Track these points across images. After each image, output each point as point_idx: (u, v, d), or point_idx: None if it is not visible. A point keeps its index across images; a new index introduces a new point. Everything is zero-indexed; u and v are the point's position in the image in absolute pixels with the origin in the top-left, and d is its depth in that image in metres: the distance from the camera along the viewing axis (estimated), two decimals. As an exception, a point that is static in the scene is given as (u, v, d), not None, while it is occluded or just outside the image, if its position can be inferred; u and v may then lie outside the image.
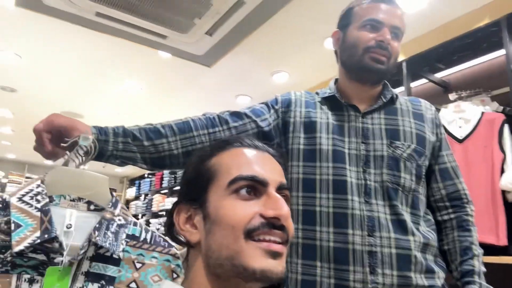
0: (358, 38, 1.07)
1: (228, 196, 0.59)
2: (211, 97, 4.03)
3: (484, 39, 2.34)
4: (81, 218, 0.78)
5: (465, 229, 1.06)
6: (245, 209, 0.57)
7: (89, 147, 0.84)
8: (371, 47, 1.05)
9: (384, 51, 1.05)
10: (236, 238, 0.55)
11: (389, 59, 1.06)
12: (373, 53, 1.05)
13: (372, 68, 1.06)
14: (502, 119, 2.07)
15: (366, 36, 1.06)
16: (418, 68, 2.61)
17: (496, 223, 1.95)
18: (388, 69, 1.07)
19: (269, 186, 0.60)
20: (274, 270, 0.55)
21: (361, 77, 1.10)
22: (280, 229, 0.57)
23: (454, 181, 1.10)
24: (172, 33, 2.68)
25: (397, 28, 1.07)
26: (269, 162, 0.65)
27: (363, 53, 1.06)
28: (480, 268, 1.01)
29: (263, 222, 0.56)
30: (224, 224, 0.57)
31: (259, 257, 0.55)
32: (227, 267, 0.56)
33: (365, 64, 1.06)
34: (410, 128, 1.08)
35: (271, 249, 0.55)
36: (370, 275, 0.94)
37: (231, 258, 0.55)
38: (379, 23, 1.06)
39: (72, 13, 2.53)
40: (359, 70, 1.09)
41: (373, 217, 0.98)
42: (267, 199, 0.59)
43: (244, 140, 0.66)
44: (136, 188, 7.82)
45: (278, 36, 2.79)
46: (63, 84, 3.90)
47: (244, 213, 0.57)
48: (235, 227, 0.56)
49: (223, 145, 0.65)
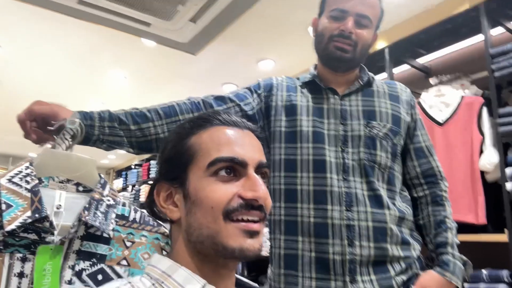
0: (325, 27, 1.12)
1: (208, 177, 0.60)
2: (197, 85, 4.02)
3: (464, 24, 2.39)
4: (70, 199, 0.79)
5: (439, 203, 1.12)
6: (224, 190, 0.59)
7: (75, 130, 0.85)
8: (334, 36, 1.10)
9: (347, 40, 1.09)
10: (216, 218, 0.58)
11: (354, 47, 1.10)
12: (336, 42, 1.09)
13: (336, 56, 1.11)
14: (480, 102, 2.13)
15: (331, 25, 1.11)
16: (400, 54, 2.65)
17: (476, 203, 2.03)
18: (355, 56, 1.11)
19: (248, 167, 0.61)
20: (251, 248, 0.58)
21: (330, 65, 1.15)
22: (258, 209, 0.59)
23: (428, 159, 1.16)
24: (155, 20, 2.67)
25: (363, 16, 1.10)
26: (249, 140, 0.65)
27: (328, 41, 1.11)
28: (453, 240, 1.08)
29: (242, 203, 0.59)
30: (204, 205, 0.59)
31: (238, 237, 0.57)
32: (207, 245, 0.58)
33: (329, 52, 1.11)
34: (386, 109, 1.13)
35: (248, 229, 0.58)
36: (348, 247, 1.00)
37: (212, 237, 0.58)
38: (344, 12, 1.09)
39: (54, 1, 2.50)
40: (326, 57, 1.14)
41: (350, 193, 1.04)
42: (246, 180, 0.60)
43: (224, 117, 0.65)
44: (123, 179, 7.78)
45: (263, 23, 2.80)
46: (46, 74, 3.84)
47: (223, 194, 0.59)
48: (214, 208, 0.58)
49: (202, 123, 0.65)
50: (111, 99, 4.43)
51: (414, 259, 1.07)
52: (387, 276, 1.01)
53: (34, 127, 0.88)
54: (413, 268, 1.07)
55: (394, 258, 1.03)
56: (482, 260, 2.19)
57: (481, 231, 2.04)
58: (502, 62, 1.97)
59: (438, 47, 2.63)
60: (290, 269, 1.04)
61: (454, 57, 2.63)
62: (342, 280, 0.99)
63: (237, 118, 0.67)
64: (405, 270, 1.05)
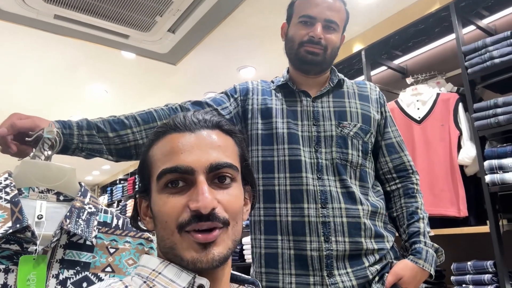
0: (295, 33, 1.17)
1: (160, 191, 0.59)
2: (179, 96, 4.01)
3: (436, 24, 2.46)
4: (51, 208, 0.79)
5: (411, 196, 1.17)
6: (173, 203, 0.58)
7: (54, 140, 0.85)
8: (304, 42, 1.14)
9: (317, 45, 1.13)
10: (172, 232, 0.57)
11: (324, 51, 1.15)
12: (307, 47, 1.14)
13: (307, 60, 1.15)
14: (456, 98, 2.19)
15: (300, 31, 1.15)
16: (377, 56, 2.72)
17: (457, 197, 2.07)
18: (325, 59, 1.16)
19: (196, 173, 0.58)
20: (204, 259, 0.56)
21: (301, 68, 1.19)
22: (208, 219, 0.57)
23: (399, 154, 1.21)
24: (134, 32, 2.67)
25: (331, 21, 1.14)
26: (201, 142, 0.61)
27: (298, 47, 1.16)
28: (425, 229, 1.12)
29: (192, 215, 0.57)
30: (159, 219, 0.59)
31: (190, 249, 0.57)
32: (171, 256, 0.59)
33: (301, 56, 1.16)
34: (356, 108, 1.18)
35: (199, 240, 0.56)
36: (325, 243, 1.04)
37: (172, 248, 0.58)
38: (312, 18, 1.14)
39: (29, 17, 2.48)
40: (297, 61, 1.18)
41: (325, 191, 1.08)
42: (194, 189, 0.58)
43: (177, 121, 0.63)
44: (108, 195, 7.67)
45: (242, 31, 2.83)
46: (25, 91, 3.79)
47: (173, 208, 0.58)
48: (168, 223, 0.58)
49: (158, 134, 0.64)
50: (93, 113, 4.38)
51: (388, 250, 1.11)
52: (362, 267, 1.05)
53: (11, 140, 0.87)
54: (387, 258, 1.11)
55: (369, 251, 1.07)
56: (467, 251, 2.24)
57: (463, 224, 2.08)
58: (474, 59, 2.04)
59: (412, 47, 2.70)
60: (271, 267, 1.08)
61: (429, 56, 2.70)
62: (320, 275, 1.03)
63: (194, 117, 0.63)
64: (379, 260, 1.09)
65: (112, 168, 7.62)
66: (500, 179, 1.84)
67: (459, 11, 2.18)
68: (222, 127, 0.65)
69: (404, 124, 2.31)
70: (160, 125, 0.66)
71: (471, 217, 2.07)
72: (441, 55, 2.63)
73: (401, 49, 2.74)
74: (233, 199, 0.61)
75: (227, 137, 0.65)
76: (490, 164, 1.89)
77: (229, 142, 0.65)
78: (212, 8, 2.47)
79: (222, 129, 0.65)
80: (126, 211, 6.57)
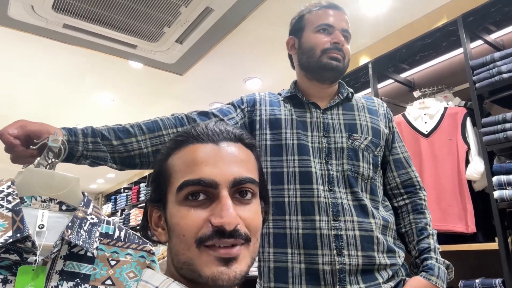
0: (316, 42, 1.16)
1: (179, 202, 0.57)
2: (185, 106, 4.03)
3: (444, 38, 2.46)
4: (53, 218, 0.78)
5: (419, 212, 1.16)
6: (194, 217, 0.56)
7: (59, 148, 0.85)
8: (328, 49, 1.15)
9: (340, 51, 1.15)
10: (189, 246, 0.55)
11: (344, 58, 1.16)
12: (330, 53, 1.15)
13: (332, 66, 1.15)
14: (464, 112, 2.17)
15: (322, 39, 1.16)
16: (384, 69, 2.71)
17: (465, 212, 2.04)
18: (344, 67, 1.18)
19: (219, 187, 0.56)
20: (225, 277, 0.54)
21: (321, 76, 1.19)
22: (231, 236, 0.55)
23: (407, 170, 1.21)
24: (142, 42, 2.69)
25: (346, 31, 1.18)
26: (226, 155, 0.59)
27: (321, 54, 1.15)
28: (435, 245, 1.11)
29: (214, 230, 0.55)
30: (176, 232, 0.57)
31: (210, 265, 0.54)
32: (185, 272, 0.56)
33: (324, 63, 1.15)
34: (366, 122, 1.18)
35: (222, 255, 0.54)
36: (337, 257, 1.01)
37: (188, 264, 0.56)
38: (331, 27, 1.16)
39: (39, 26, 2.51)
40: (319, 69, 1.17)
41: (337, 203, 1.06)
42: (217, 203, 0.56)
43: (199, 131, 0.61)
44: (112, 204, 7.68)
45: (249, 42, 2.84)
46: (32, 98, 3.82)
47: (193, 222, 0.55)
48: (186, 236, 0.56)
49: (178, 143, 0.62)
50: (99, 121, 4.41)
51: (400, 266, 1.09)
52: (376, 284, 1.02)
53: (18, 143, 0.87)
54: (399, 275, 1.08)
55: (381, 266, 1.04)
56: (475, 268, 2.19)
57: (471, 240, 2.04)
58: (482, 73, 2.03)
59: (420, 61, 2.70)
60: (281, 282, 1.04)
61: (436, 70, 2.69)
62: None
63: (216, 128, 0.62)
64: (391, 277, 1.06)
65: (117, 177, 7.63)
66: (509, 195, 1.81)
67: (467, 25, 2.18)
68: (244, 140, 0.63)
69: (412, 138, 2.29)
70: (179, 133, 0.64)
71: (479, 233, 2.03)
72: (448, 69, 2.62)
73: (408, 62, 2.73)
74: (254, 216, 0.59)
75: (248, 151, 0.64)
76: (499, 180, 1.86)
77: (250, 157, 0.63)
78: (219, 20, 2.49)
79: (244, 142, 0.63)
80: (129, 220, 6.55)
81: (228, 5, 2.35)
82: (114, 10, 2.35)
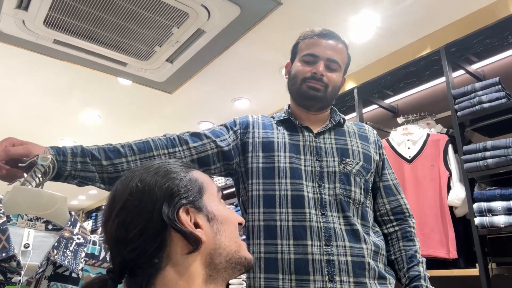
0: (298, 70, 1.21)
1: (220, 201, 0.71)
2: (173, 124, 4.03)
3: (427, 67, 2.54)
4: (39, 237, 0.77)
5: (409, 239, 1.17)
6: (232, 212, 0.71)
7: (47, 167, 0.85)
8: (307, 78, 1.18)
9: (318, 81, 1.17)
10: (238, 233, 0.69)
11: (326, 88, 1.18)
12: (309, 83, 1.18)
13: (309, 95, 1.18)
14: (446, 139, 2.23)
15: (304, 69, 1.19)
16: (369, 95, 2.78)
17: (446, 238, 2.07)
18: (326, 96, 1.19)
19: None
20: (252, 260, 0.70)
21: (303, 104, 1.22)
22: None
23: (396, 197, 1.22)
24: (132, 60, 2.70)
25: (332, 60, 1.19)
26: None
27: (301, 83, 1.19)
28: (424, 273, 1.11)
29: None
30: (230, 223, 0.69)
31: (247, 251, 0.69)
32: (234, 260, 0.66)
33: (303, 92, 1.19)
34: (357, 147, 1.20)
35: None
36: (329, 283, 1.00)
37: (237, 250, 0.67)
38: (315, 57, 1.19)
39: (29, 40, 2.51)
40: (299, 97, 1.21)
41: (329, 228, 1.05)
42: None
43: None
44: (93, 221, 7.51)
45: (238, 64, 2.89)
46: (19, 111, 3.77)
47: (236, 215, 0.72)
48: (235, 225, 0.70)
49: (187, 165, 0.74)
50: (84, 137, 4.37)
51: None
52: None
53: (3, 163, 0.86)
54: None
55: None
56: (456, 295, 2.21)
57: (452, 266, 2.07)
58: (464, 102, 2.09)
59: (404, 88, 2.78)
60: None
61: (419, 97, 2.77)
62: None
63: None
64: None
65: (99, 194, 7.50)
66: (489, 222, 1.85)
67: (449, 55, 2.26)
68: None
69: (395, 163, 2.33)
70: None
71: (460, 259, 2.06)
72: (431, 96, 2.70)
73: (392, 89, 2.81)
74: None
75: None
76: (479, 207, 1.90)
77: None
78: (210, 42, 2.53)
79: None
80: (110, 238, 6.39)
81: (219, 28, 2.39)
82: (106, 27, 2.36)
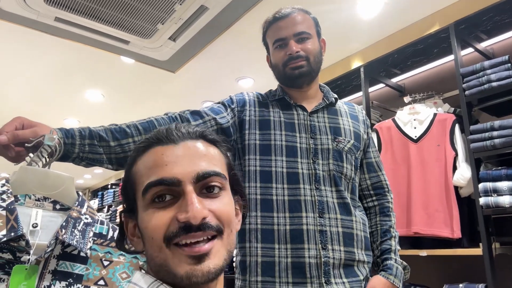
0: (275, 58, 1.25)
1: (147, 206, 0.57)
2: (176, 103, 4.01)
3: (435, 45, 2.49)
4: (46, 217, 0.78)
5: (386, 214, 1.26)
6: (160, 217, 0.55)
7: (53, 147, 0.84)
8: (286, 61, 1.22)
9: (297, 59, 1.21)
10: (160, 248, 0.55)
11: (307, 60, 1.21)
12: (290, 64, 1.21)
13: (295, 75, 1.22)
14: (453, 119, 2.20)
15: (279, 55, 1.23)
16: (375, 73, 2.74)
17: (451, 218, 2.07)
18: (312, 66, 1.22)
19: (183, 184, 0.56)
20: (199, 273, 0.53)
21: (293, 85, 1.26)
22: (200, 229, 0.54)
23: (377, 173, 1.31)
24: (134, 38, 2.67)
25: (299, 33, 1.21)
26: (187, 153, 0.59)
27: (283, 68, 1.23)
28: (396, 247, 1.21)
29: (180, 227, 0.54)
30: (146, 236, 0.57)
31: (183, 263, 0.54)
32: (163, 275, 0.56)
33: (289, 75, 1.23)
34: (348, 126, 1.26)
35: (193, 253, 0.54)
36: (322, 251, 1.09)
37: (163, 266, 0.55)
38: (282, 40, 1.22)
39: (30, 18, 2.47)
40: (288, 81, 1.25)
41: (322, 201, 1.14)
42: (183, 199, 0.56)
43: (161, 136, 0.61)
44: (99, 200, 7.59)
45: (242, 42, 2.84)
46: (23, 92, 3.76)
47: (159, 222, 0.55)
48: (154, 238, 0.55)
49: (141, 149, 0.62)
50: (88, 117, 4.37)
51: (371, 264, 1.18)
52: (357, 280, 1.11)
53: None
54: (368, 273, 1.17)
55: (360, 262, 1.14)
56: (459, 273, 2.24)
57: (456, 245, 2.08)
58: (472, 81, 2.06)
59: (411, 66, 2.73)
60: (268, 276, 1.09)
61: (427, 76, 2.73)
62: (318, 282, 1.06)
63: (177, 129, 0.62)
64: (366, 276, 1.15)
65: (104, 173, 7.56)
66: (494, 202, 1.85)
67: (458, 33, 2.21)
68: (206, 137, 0.63)
69: (401, 143, 2.32)
70: (142, 140, 0.64)
71: (464, 239, 2.07)
72: (439, 75, 2.66)
73: (399, 67, 2.77)
74: (224, 207, 0.59)
75: (213, 147, 0.63)
76: (485, 187, 1.89)
77: (215, 151, 0.63)
78: (213, 19, 2.48)
79: (206, 138, 0.63)
80: (116, 217, 6.49)
81: (222, 4, 2.34)
82: (107, 4, 2.32)
